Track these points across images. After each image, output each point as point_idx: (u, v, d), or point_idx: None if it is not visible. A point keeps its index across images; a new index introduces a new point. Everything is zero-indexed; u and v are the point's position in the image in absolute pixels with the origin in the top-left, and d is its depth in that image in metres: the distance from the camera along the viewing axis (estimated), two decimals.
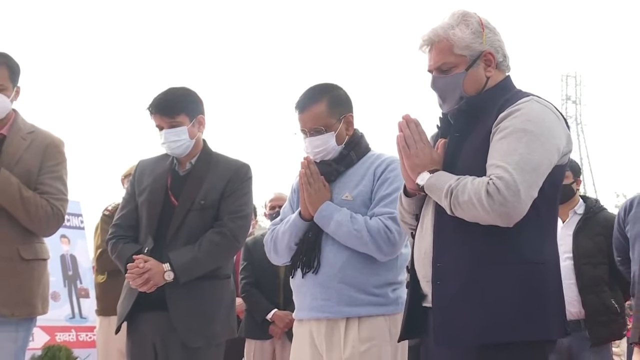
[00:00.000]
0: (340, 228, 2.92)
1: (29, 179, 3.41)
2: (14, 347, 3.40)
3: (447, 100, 2.48)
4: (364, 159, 3.09)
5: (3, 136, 3.43)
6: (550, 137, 2.28)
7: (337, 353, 2.91)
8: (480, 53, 2.43)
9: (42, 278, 3.50)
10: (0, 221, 3.36)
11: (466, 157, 2.37)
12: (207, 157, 3.49)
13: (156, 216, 3.39)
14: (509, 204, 2.17)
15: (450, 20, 2.44)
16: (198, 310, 3.32)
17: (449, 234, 2.35)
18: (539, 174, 2.24)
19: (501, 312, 2.25)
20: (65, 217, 3.61)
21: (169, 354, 3.32)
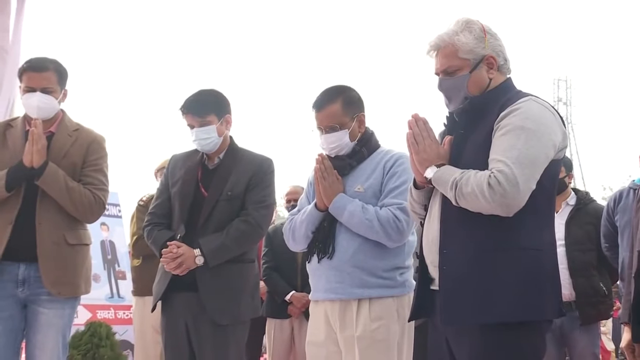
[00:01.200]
0: (353, 217, 2.93)
1: (74, 172, 3.43)
2: (61, 322, 3.42)
3: (452, 100, 2.49)
4: (374, 155, 3.10)
5: (52, 133, 3.45)
6: (546, 134, 2.29)
7: (349, 331, 2.91)
8: (483, 57, 2.45)
9: (85, 261, 3.53)
10: (48, 210, 3.38)
11: (470, 152, 2.39)
12: (233, 152, 3.51)
13: (188, 206, 3.41)
14: (508, 195, 2.19)
15: (455, 27, 2.46)
16: (226, 291, 3.34)
17: (454, 223, 2.36)
18: (536, 167, 2.26)
19: (501, 294, 2.26)
20: (106, 206, 3.62)
21: (199, 331, 3.34)
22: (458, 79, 2.45)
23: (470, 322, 2.31)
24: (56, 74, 3.46)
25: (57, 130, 3.49)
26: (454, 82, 2.47)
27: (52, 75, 3.44)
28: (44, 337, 3.39)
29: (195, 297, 3.31)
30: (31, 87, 3.40)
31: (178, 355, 3.41)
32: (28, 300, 3.38)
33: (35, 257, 3.34)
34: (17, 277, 3.36)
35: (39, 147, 3.31)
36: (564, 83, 44.36)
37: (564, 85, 44.54)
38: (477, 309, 2.28)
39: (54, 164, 3.37)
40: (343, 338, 2.93)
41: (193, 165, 3.49)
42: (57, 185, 3.36)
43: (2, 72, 5.40)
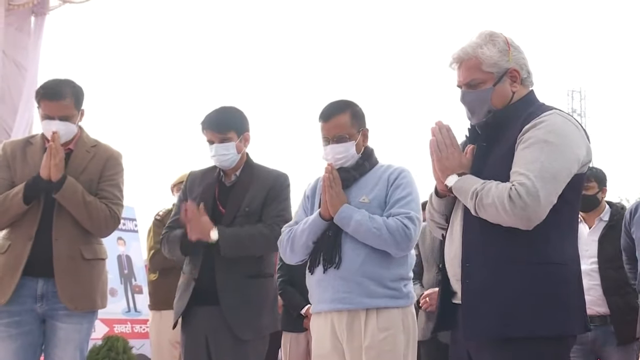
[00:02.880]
0: (361, 227, 2.91)
1: (91, 186, 3.45)
2: (79, 337, 3.43)
3: (475, 113, 2.46)
4: (375, 168, 3.11)
5: (70, 150, 3.48)
6: (570, 148, 2.26)
7: (357, 342, 2.91)
8: (507, 70, 2.41)
9: (101, 275, 3.53)
10: (65, 225, 3.40)
11: (492, 165, 2.36)
12: (250, 169, 3.53)
13: None
14: (529, 208, 2.17)
15: (479, 40, 2.43)
16: (247, 306, 3.34)
17: (476, 236, 2.34)
18: (558, 182, 2.22)
19: (524, 308, 2.23)
20: (120, 220, 3.63)
21: (219, 345, 3.34)
22: (481, 92, 2.43)
23: (493, 336, 2.27)
24: (73, 100, 3.45)
25: (75, 147, 3.51)
26: (477, 95, 2.44)
27: (70, 103, 3.43)
28: (62, 352, 3.40)
29: (216, 310, 3.32)
30: (49, 115, 3.42)
31: None
32: (46, 315, 3.39)
33: (52, 272, 3.35)
34: (35, 293, 3.37)
35: (57, 161, 3.33)
36: (578, 94, 44.14)
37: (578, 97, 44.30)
38: (500, 323, 2.25)
39: (72, 178, 3.38)
40: (350, 349, 2.92)
41: (210, 183, 3.51)
42: (75, 199, 3.38)
43: (21, 88, 5.47)
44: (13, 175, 3.47)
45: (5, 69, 5.52)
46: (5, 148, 3.58)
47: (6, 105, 5.48)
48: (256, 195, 3.43)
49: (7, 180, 3.46)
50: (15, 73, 5.57)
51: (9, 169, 3.49)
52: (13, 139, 3.88)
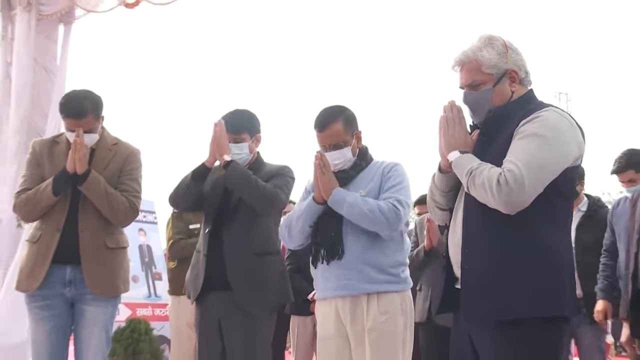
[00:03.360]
0: (353, 208, 2.89)
1: (112, 181, 3.47)
2: (104, 319, 3.46)
3: (477, 112, 2.44)
4: (370, 165, 3.10)
5: (93, 149, 3.49)
6: (560, 143, 2.24)
7: (360, 324, 2.90)
8: (505, 71, 2.39)
9: (123, 263, 3.56)
10: (90, 217, 3.42)
11: (491, 157, 2.31)
12: (259, 166, 3.54)
13: (216, 206, 3.45)
14: (513, 194, 2.15)
15: (478, 44, 2.41)
16: (254, 281, 3.35)
17: (476, 225, 2.31)
18: (545, 173, 2.20)
19: (520, 292, 2.21)
20: (139, 211, 3.65)
21: (230, 325, 3.35)
22: (482, 92, 2.40)
23: (491, 319, 2.25)
24: (93, 115, 3.45)
25: (97, 146, 3.53)
26: (478, 95, 2.41)
27: (90, 119, 3.43)
28: (89, 333, 3.43)
29: (228, 295, 3.33)
30: (73, 130, 3.40)
31: (212, 350, 3.43)
32: (75, 299, 3.43)
33: (79, 260, 3.38)
34: (64, 279, 3.40)
35: (81, 155, 3.35)
36: (565, 96, 43.94)
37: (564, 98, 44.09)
38: (498, 307, 2.23)
39: (96, 172, 3.41)
40: (354, 331, 2.92)
41: (221, 178, 3.49)
42: (97, 191, 3.40)
43: (50, 93, 5.49)
44: (42, 171, 3.50)
45: (36, 76, 5.51)
46: (34, 146, 3.61)
47: (37, 109, 5.48)
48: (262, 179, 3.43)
49: (38, 175, 3.49)
50: (45, 79, 5.57)
51: (38, 165, 3.52)
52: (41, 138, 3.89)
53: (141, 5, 5.25)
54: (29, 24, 5.47)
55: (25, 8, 5.46)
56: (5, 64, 5.59)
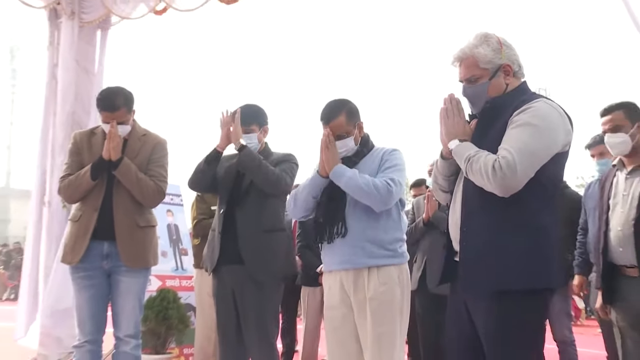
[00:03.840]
0: (351, 181, 2.86)
1: (142, 167, 3.52)
2: (137, 289, 3.52)
3: (475, 104, 2.42)
4: (372, 152, 3.07)
5: (125, 140, 3.53)
6: (549, 131, 2.22)
7: (362, 294, 2.88)
8: (500, 66, 2.37)
9: (152, 239, 3.60)
10: (123, 199, 3.47)
11: (488, 144, 2.29)
12: (266, 153, 3.54)
13: (229, 188, 3.48)
14: (507, 178, 2.15)
15: (474, 41, 2.39)
16: (263, 254, 3.38)
17: (474, 207, 2.31)
18: (535, 158, 2.19)
19: (512, 266, 2.20)
20: (165, 194, 3.66)
21: (243, 294, 3.37)
22: (479, 86, 2.38)
23: (486, 290, 2.24)
24: (126, 108, 3.49)
25: (129, 136, 3.57)
26: (476, 88, 2.39)
27: (123, 111, 3.48)
28: (124, 301, 3.47)
29: (241, 268, 3.34)
30: (108, 122, 3.46)
31: (227, 316, 3.45)
32: (111, 271, 3.47)
33: (114, 236, 3.43)
34: (102, 253, 3.45)
35: (115, 145, 3.40)
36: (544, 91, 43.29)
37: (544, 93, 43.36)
38: (492, 279, 2.22)
39: (128, 159, 3.46)
40: (356, 300, 2.90)
41: (234, 162, 3.52)
42: (129, 175, 3.45)
43: (90, 92, 5.56)
44: (82, 159, 3.55)
45: (78, 76, 5.57)
46: (75, 137, 3.66)
47: (79, 105, 5.53)
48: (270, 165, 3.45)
49: (78, 163, 3.54)
50: (86, 79, 5.62)
51: (79, 154, 3.57)
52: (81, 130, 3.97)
53: (168, 12, 5.27)
54: (72, 31, 5.54)
55: (69, 17, 5.53)
56: (52, 66, 5.67)
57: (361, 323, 2.89)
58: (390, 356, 2.82)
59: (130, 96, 3.55)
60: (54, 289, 5.15)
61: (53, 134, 5.57)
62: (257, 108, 3.57)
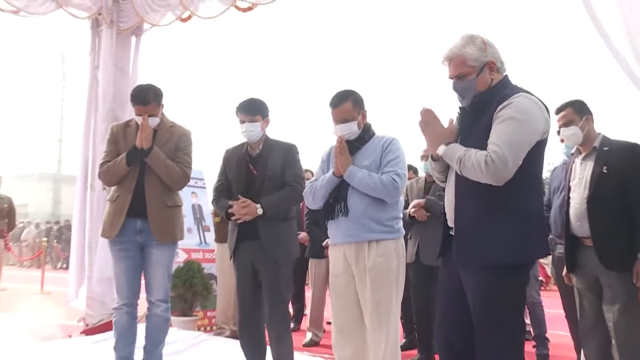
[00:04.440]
0: (362, 181, 2.87)
1: (170, 154, 3.51)
2: (166, 260, 3.52)
3: (465, 98, 2.39)
4: (372, 139, 3.04)
5: (155, 131, 3.54)
6: (531, 123, 2.20)
7: (362, 264, 2.87)
8: (485, 63, 2.34)
9: (179, 218, 3.59)
10: (153, 182, 3.47)
11: (477, 134, 2.28)
12: (268, 143, 3.48)
13: (243, 182, 3.42)
14: (499, 170, 2.14)
15: (461, 42, 2.36)
16: (279, 239, 3.35)
17: (466, 190, 2.29)
18: (521, 149, 2.18)
19: (500, 244, 2.19)
20: (190, 178, 3.64)
21: (262, 267, 3.36)
22: (468, 81, 2.35)
23: (475, 264, 2.24)
24: (155, 103, 3.49)
25: (159, 127, 3.56)
26: (465, 84, 2.36)
27: (153, 105, 3.47)
28: (155, 270, 3.49)
29: (258, 244, 3.32)
30: (140, 114, 3.47)
31: (245, 285, 3.43)
32: (143, 244, 3.49)
33: (146, 214, 3.45)
34: (135, 228, 3.47)
35: (146, 135, 3.41)
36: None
37: None
38: (481, 255, 2.21)
39: (157, 148, 3.46)
40: (357, 270, 2.89)
41: (242, 154, 3.48)
42: (159, 162, 3.45)
43: (126, 90, 5.57)
44: (118, 147, 3.55)
45: (116, 77, 5.56)
46: (112, 129, 3.67)
47: (117, 102, 5.52)
48: (275, 163, 3.39)
49: (115, 151, 3.55)
50: (122, 79, 5.62)
51: (116, 143, 3.58)
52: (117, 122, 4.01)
53: (193, 20, 5.24)
54: (110, 37, 5.54)
55: (109, 25, 5.53)
56: (94, 68, 5.68)
57: (362, 290, 2.88)
58: (387, 319, 2.82)
59: (160, 92, 3.55)
60: (99, 260, 5.21)
61: (95, 127, 5.59)
62: (261, 102, 3.51)
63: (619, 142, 3.14)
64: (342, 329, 2.96)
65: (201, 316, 5.57)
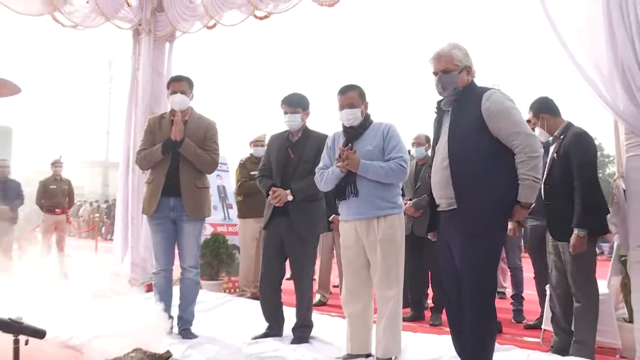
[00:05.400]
0: (375, 173, 2.81)
1: (199, 143, 3.44)
2: (195, 233, 3.47)
3: (446, 89, 2.42)
4: (372, 125, 2.97)
5: (186, 121, 3.46)
6: (514, 106, 2.32)
7: (373, 235, 2.83)
8: (466, 66, 2.42)
9: (207, 197, 3.53)
10: (186, 168, 3.40)
11: (465, 126, 2.32)
12: (307, 132, 3.41)
13: (282, 164, 3.36)
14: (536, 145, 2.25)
15: (450, 46, 2.43)
16: (307, 216, 3.29)
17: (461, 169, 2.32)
18: (524, 121, 2.30)
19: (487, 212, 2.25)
20: (218, 163, 3.59)
21: (290, 242, 3.31)
22: (452, 76, 2.40)
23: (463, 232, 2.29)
24: (187, 83, 3.49)
25: (189, 119, 3.49)
26: (449, 78, 2.40)
27: (185, 84, 3.48)
28: (187, 241, 3.44)
29: (287, 220, 3.27)
30: (174, 90, 3.44)
31: (272, 257, 3.39)
32: (176, 220, 3.43)
33: (179, 194, 3.38)
34: (169, 205, 3.41)
35: (179, 128, 3.35)
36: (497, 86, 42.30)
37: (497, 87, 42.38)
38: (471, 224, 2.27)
39: (188, 139, 3.39)
40: (368, 241, 2.85)
41: (284, 140, 3.43)
42: (190, 151, 3.38)
43: (161, 89, 5.49)
44: (154, 137, 3.49)
45: (152, 77, 5.52)
46: (149, 121, 3.61)
47: (154, 98, 5.49)
48: (311, 149, 3.34)
49: (150, 140, 3.49)
50: (157, 79, 5.57)
51: (152, 134, 3.51)
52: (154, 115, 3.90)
53: (217, 27, 5.19)
54: (148, 44, 5.51)
55: (147, 34, 5.51)
56: (134, 70, 5.64)
57: (372, 258, 2.85)
58: (396, 280, 2.83)
59: (192, 82, 3.55)
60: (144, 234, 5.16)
61: (135, 120, 5.54)
62: (302, 96, 3.44)
63: (574, 129, 3.09)
64: (352, 290, 2.96)
65: (226, 280, 5.52)
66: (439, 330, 3.94)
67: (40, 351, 2.96)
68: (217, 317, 4.06)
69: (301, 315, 3.35)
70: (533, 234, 3.93)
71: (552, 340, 3.24)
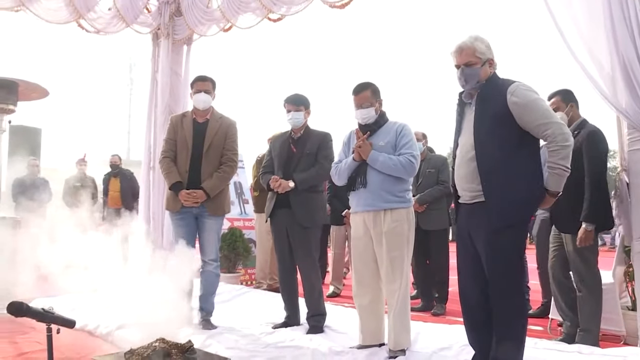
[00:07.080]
0: (384, 164, 2.80)
1: (220, 142, 3.47)
2: (216, 227, 3.50)
3: (469, 82, 2.33)
4: (387, 124, 2.96)
5: (207, 120, 3.49)
6: (539, 96, 2.25)
7: (379, 228, 2.81)
8: (488, 58, 2.33)
9: (227, 194, 3.55)
10: (207, 168, 3.43)
11: (491, 119, 2.23)
12: (308, 130, 3.47)
13: (284, 159, 3.41)
14: (566, 133, 2.17)
15: (472, 38, 2.34)
16: (308, 207, 3.33)
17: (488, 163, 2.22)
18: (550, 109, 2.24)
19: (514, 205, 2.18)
20: (237, 163, 3.61)
21: (294, 232, 3.36)
22: (475, 69, 2.31)
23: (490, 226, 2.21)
24: (211, 84, 3.53)
25: (210, 118, 3.52)
26: (472, 70, 2.31)
27: (209, 84, 3.51)
28: (207, 235, 3.47)
29: (290, 212, 3.32)
30: (199, 89, 3.47)
31: (282, 245, 3.44)
32: (198, 215, 3.46)
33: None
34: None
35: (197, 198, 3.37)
36: None
37: None
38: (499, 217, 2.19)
39: (208, 186, 3.39)
40: (375, 233, 2.84)
41: (286, 137, 3.49)
42: (216, 190, 3.42)
43: (179, 89, 5.58)
44: (175, 135, 3.51)
45: (171, 79, 5.56)
46: (171, 119, 3.63)
47: (173, 98, 5.53)
48: (312, 145, 3.39)
49: (174, 139, 3.50)
50: (176, 80, 5.62)
51: (174, 132, 3.53)
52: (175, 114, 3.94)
53: (233, 30, 5.22)
54: (167, 47, 5.55)
55: (166, 37, 5.55)
56: (154, 72, 5.71)
57: (378, 249, 2.84)
58: (400, 273, 2.80)
59: (214, 81, 3.59)
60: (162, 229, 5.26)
61: (155, 119, 5.62)
62: (304, 96, 3.50)
63: (588, 126, 3.08)
64: (361, 281, 2.94)
65: (243, 273, 5.59)
66: (449, 320, 3.97)
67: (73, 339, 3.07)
68: (235, 308, 4.10)
69: (313, 303, 3.39)
70: (543, 225, 3.91)
71: (564, 326, 3.25)
